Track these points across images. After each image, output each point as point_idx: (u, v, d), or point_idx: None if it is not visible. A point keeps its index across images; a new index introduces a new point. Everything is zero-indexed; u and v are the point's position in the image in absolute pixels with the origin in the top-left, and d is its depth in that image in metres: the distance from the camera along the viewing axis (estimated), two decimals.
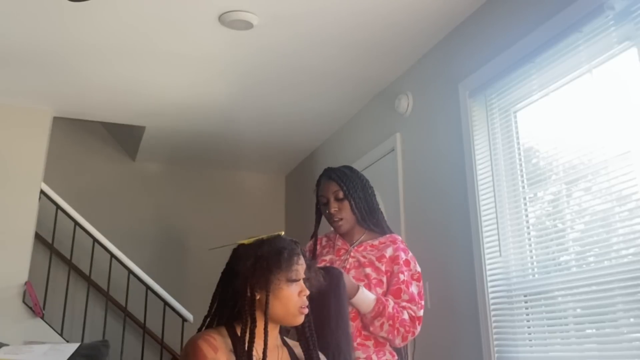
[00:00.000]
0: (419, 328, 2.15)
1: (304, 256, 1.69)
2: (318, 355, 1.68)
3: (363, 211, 2.28)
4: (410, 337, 2.14)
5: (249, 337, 1.55)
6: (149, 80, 3.78)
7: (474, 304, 2.73)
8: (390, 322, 2.08)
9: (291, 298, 1.61)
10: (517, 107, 2.72)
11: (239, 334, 1.59)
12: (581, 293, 2.24)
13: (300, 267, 1.64)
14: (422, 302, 2.20)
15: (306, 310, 1.64)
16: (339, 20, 3.06)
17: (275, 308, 1.60)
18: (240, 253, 1.66)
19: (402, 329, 2.10)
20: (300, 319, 1.64)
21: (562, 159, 2.44)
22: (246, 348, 1.54)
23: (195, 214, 5.41)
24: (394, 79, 3.72)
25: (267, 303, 1.58)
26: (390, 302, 2.11)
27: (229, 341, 1.57)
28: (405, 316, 2.11)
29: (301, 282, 1.64)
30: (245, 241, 1.67)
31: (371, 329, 2.11)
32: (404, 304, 2.14)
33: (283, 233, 1.70)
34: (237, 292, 1.62)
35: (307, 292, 1.64)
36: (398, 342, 2.12)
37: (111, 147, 5.42)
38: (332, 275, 1.99)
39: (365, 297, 2.09)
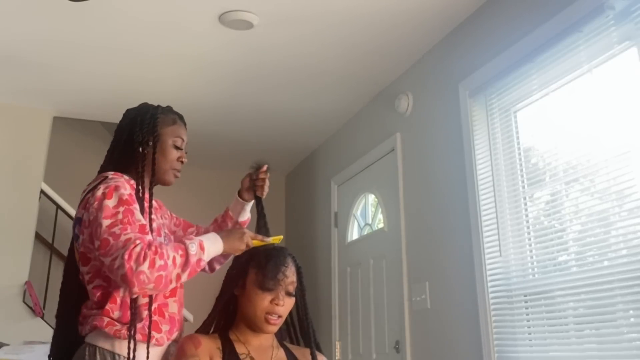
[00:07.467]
0: None
1: (300, 274, 1.70)
2: None
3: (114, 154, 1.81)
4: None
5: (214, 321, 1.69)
6: (149, 80, 3.77)
7: (474, 304, 2.73)
8: None
9: (258, 303, 1.61)
10: (517, 107, 2.72)
11: (231, 338, 1.63)
12: (581, 293, 2.23)
13: (282, 281, 1.63)
14: None
15: (274, 321, 1.61)
16: (339, 19, 3.06)
17: (245, 307, 1.64)
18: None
19: None
20: (268, 328, 1.62)
21: (562, 159, 2.44)
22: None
23: (195, 214, 5.36)
24: (394, 79, 3.72)
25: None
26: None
27: (219, 342, 1.61)
28: None
29: (280, 293, 1.62)
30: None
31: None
32: None
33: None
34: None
35: (281, 304, 1.61)
36: None
37: None
38: None
39: None
